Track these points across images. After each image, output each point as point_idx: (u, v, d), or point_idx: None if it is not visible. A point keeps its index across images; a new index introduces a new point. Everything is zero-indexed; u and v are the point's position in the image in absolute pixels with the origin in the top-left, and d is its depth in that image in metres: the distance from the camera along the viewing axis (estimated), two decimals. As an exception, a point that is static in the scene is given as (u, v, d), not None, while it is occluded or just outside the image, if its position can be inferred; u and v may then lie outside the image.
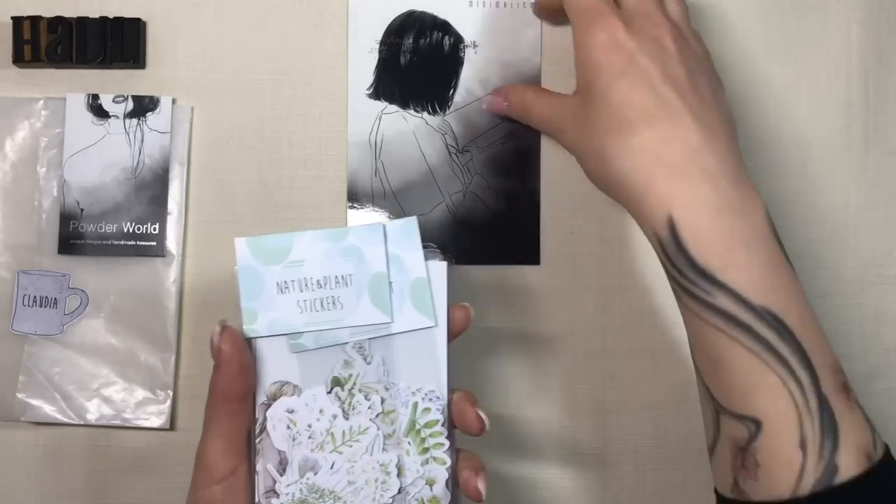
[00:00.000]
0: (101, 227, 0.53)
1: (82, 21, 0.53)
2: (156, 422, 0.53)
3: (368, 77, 0.54)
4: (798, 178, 0.56)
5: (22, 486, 0.53)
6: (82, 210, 0.53)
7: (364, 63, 0.54)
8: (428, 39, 0.54)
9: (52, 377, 0.53)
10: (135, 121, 0.53)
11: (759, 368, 0.39)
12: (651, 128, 0.42)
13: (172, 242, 0.54)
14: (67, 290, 0.53)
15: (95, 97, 0.53)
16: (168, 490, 0.54)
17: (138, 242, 0.53)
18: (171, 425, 0.53)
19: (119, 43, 0.53)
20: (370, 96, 0.54)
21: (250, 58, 0.54)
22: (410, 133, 0.54)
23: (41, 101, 0.53)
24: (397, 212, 0.54)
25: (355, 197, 0.54)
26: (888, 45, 0.56)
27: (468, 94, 0.54)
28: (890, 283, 0.56)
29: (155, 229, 0.53)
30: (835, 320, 0.56)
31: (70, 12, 0.53)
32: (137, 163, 0.54)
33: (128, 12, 0.53)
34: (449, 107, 0.54)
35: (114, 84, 0.54)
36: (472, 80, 0.54)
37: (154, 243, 0.53)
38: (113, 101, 0.53)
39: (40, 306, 0.53)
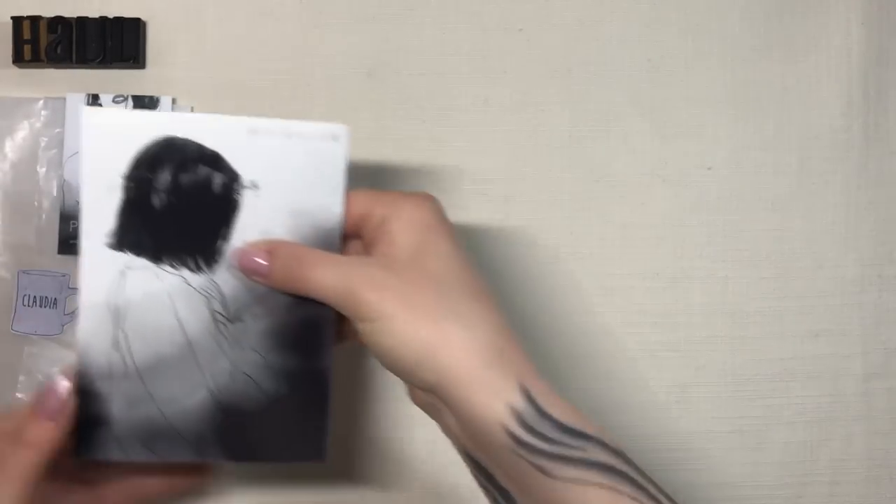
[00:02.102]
0: (100, 227, 0.53)
1: (82, 21, 0.53)
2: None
3: (108, 221, 0.41)
4: (798, 178, 0.56)
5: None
6: (82, 210, 0.53)
7: (102, 203, 0.41)
8: (192, 174, 0.42)
9: (52, 377, 0.53)
10: (135, 121, 0.53)
11: None
12: (493, 305, 0.40)
13: (172, 242, 0.54)
14: (67, 289, 0.53)
15: (95, 97, 0.53)
16: (168, 490, 0.54)
17: (138, 242, 0.53)
18: (171, 425, 0.53)
19: (119, 43, 0.53)
20: (111, 247, 0.41)
21: (250, 58, 0.54)
22: (164, 295, 0.42)
23: (41, 101, 0.53)
24: (141, 395, 0.42)
25: (87, 375, 0.41)
26: (888, 45, 0.56)
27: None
28: (890, 283, 0.56)
29: (155, 229, 0.53)
30: (835, 320, 0.56)
31: (70, 12, 0.53)
32: (137, 163, 0.53)
33: (128, 12, 0.53)
34: (217, 262, 0.42)
35: (113, 84, 0.54)
36: (250, 229, 0.42)
37: (154, 243, 0.53)
38: (113, 100, 0.53)
39: (40, 306, 0.53)
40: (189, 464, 0.44)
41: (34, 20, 0.53)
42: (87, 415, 0.41)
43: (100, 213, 0.41)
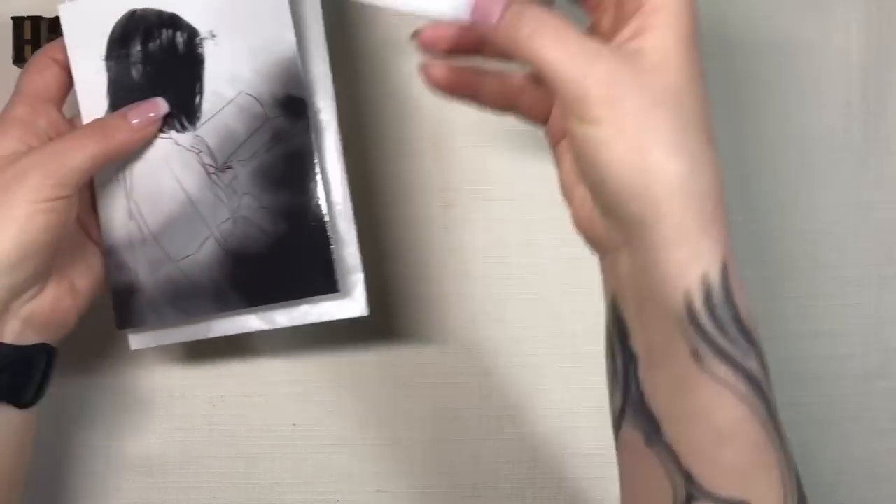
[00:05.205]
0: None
1: (83, 21, 0.53)
2: (355, 309, 0.46)
3: (102, 103, 0.45)
4: (798, 178, 0.56)
5: (23, 486, 0.53)
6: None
7: (93, 88, 0.45)
8: (158, 41, 0.45)
9: None
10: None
11: (764, 445, 0.34)
12: (714, 150, 0.34)
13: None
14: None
15: None
16: (168, 490, 0.54)
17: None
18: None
19: (119, 43, 0.53)
20: None
21: (250, 58, 0.55)
22: (161, 160, 0.45)
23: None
24: (160, 258, 0.45)
25: (114, 250, 0.46)
26: (888, 45, 0.56)
27: (217, 96, 0.45)
28: (890, 283, 0.56)
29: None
30: (835, 320, 0.56)
31: (70, 12, 0.53)
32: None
33: (128, 12, 0.53)
34: (198, 118, 0.45)
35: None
36: (219, 78, 0.45)
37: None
38: None
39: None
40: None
41: (35, 21, 0.53)
42: (120, 287, 0.46)
43: (93, 98, 0.45)
